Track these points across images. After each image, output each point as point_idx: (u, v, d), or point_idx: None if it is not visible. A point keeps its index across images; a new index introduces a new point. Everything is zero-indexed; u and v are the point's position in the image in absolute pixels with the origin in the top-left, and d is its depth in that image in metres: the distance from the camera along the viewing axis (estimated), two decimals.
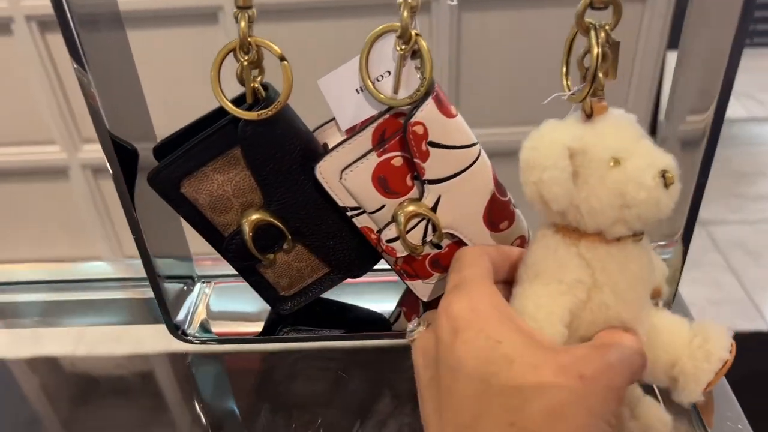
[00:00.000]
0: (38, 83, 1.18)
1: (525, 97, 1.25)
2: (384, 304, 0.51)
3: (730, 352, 0.37)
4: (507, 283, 0.37)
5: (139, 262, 0.44)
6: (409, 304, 0.49)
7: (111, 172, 0.40)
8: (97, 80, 0.38)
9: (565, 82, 0.36)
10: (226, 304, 0.51)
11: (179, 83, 1.05)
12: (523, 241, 0.44)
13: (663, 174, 0.32)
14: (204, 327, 0.49)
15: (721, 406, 0.46)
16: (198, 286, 0.52)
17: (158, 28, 1.12)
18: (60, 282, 0.59)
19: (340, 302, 0.50)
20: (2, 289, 0.61)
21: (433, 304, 0.46)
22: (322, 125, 0.42)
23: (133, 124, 0.43)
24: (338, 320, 0.50)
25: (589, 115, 0.35)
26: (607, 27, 0.34)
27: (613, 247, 0.34)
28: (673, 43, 1.48)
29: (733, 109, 2.16)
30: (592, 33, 0.34)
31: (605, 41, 0.34)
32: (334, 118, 0.41)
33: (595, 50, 0.33)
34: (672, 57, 1.92)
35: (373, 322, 0.50)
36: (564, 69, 0.36)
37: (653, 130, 1.50)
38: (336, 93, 0.40)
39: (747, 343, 1.42)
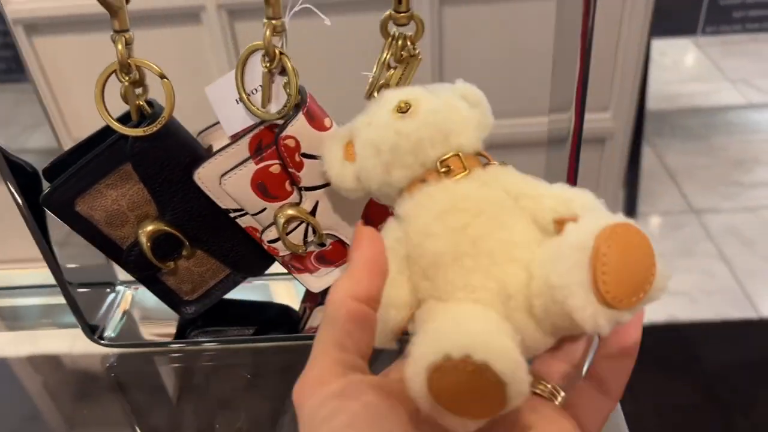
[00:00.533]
0: None
1: (508, 89, 1.27)
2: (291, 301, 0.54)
3: (607, 233, 0.27)
4: None
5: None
6: (311, 298, 0.52)
7: (10, 192, 0.43)
8: None
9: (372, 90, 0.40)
10: (147, 308, 0.54)
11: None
12: None
13: (399, 104, 0.34)
14: (121, 330, 0.52)
15: None
16: (120, 290, 0.55)
17: (140, 29, 1.15)
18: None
19: (249, 300, 0.52)
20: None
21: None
22: (208, 128, 0.45)
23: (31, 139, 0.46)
24: (248, 318, 0.52)
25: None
26: (407, 37, 0.37)
27: (415, 193, 0.33)
28: (656, 30, 1.46)
29: (731, 96, 2.13)
30: (390, 40, 0.37)
31: (401, 50, 0.37)
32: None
33: (384, 55, 0.38)
34: (656, 44, 1.91)
35: (283, 319, 0.52)
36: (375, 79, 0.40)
37: (640, 117, 1.50)
38: (221, 101, 0.42)
39: (737, 331, 1.42)
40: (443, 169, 0.33)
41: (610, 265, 0.26)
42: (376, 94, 0.40)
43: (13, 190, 0.43)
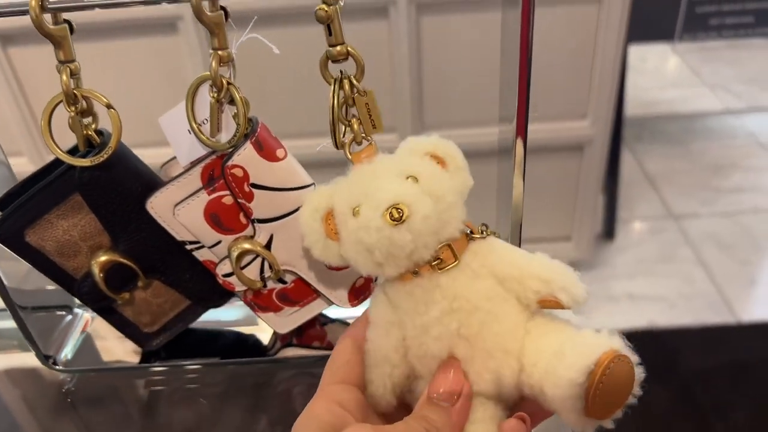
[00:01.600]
0: None
1: (487, 98, 1.27)
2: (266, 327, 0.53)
3: (597, 372, 0.31)
4: None
5: None
6: (281, 335, 0.51)
7: None
8: None
9: (335, 135, 0.38)
10: (106, 332, 0.53)
11: (141, 93, 1.07)
12: (368, 280, 0.46)
13: (390, 212, 0.33)
14: (78, 354, 0.51)
15: None
16: (78, 312, 0.54)
17: (117, 39, 1.14)
18: None
19: (213, 330, 0.52)
20: None
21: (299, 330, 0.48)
22: (171, 160, 0.45)
23: None
24: (211, 348, 0.52)
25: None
26: (349, 78, 0.36)
27: (408, 284, 0.35)
28: (633, 36, 1.46)
29: (709, 102, 2.15)
30: (334, 85, 0.36)
31: (350, 91, 0.36)
32: None
33: (332, 101, 0.36)
34: (636, 50, 1.91)
35: (247, 348, 0.52)
36: (332, 126, 0.38)
37: (618, 126, 1.50)
38: (173, 131, 0.42)
39: (716, 336, 1.43)
40: (435, 262, 0.35)
41: (601, 397, 0.31)
42: (348, 151, 0.39)
43: None
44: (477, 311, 0.34)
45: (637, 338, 0.34)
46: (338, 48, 0.37)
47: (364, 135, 0.38)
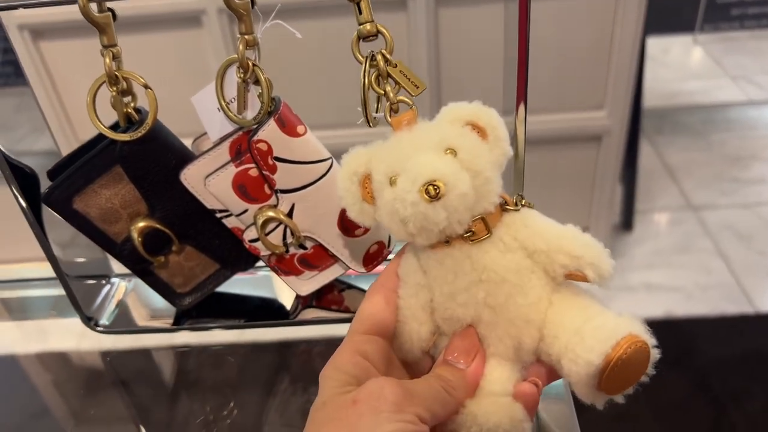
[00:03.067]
0: None
1: (503, 88, 1.29)
2: (289, 294, 0.57)
3: (613, 356, 0.33)
4: None
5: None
6: (302, 297, 0.54)
7: (13, 193, 0.47)
8: None
9: (366, 112, 0.39)
10: (141, 298, 0.58)
11: (165, 86, 1.12)
12: (381, 246, 0.50)
13: (427, 188, 0.33)
14: (116, 318, 0.56)
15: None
16: (115, 281, 0.59)
17: (143, 33, 1.19)
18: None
19: (240, 294, 0.56)
20: (8, 285, 0.67)
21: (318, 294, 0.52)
22: (202, 135, 0.49)
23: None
24: (239, 311, 0.56)
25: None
26: (381, 52, 0.38)
27: (439, 252, 0.37)
28: (655, 28, 1.47)
29: (730, 93, 2.14)
30: (366, 63, 0.39)
31: (384, 65, 0.38)
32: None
33: (363, 79, 0.38)
34: (658, 42, 1.92)
35: (272, 312, 0.56)
36: (363, 103, 0.39)
37: (636, 117, 1.51)
38: (205, 109, 0.46)
39: (734, 326, 1.44)
40: (467, 234, 0.36)
41: (614, 378, 0.34)
42: (388, 116, 0.39)
43: (16, 192, 0.47)
44: (504, 283, 0.36)
45: (654, 328, 0.35)
46: (368, 26, 0.38)
47: (403, 98, 0.39)
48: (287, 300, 0.57)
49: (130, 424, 0.52)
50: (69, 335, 0.58)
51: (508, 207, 0.37)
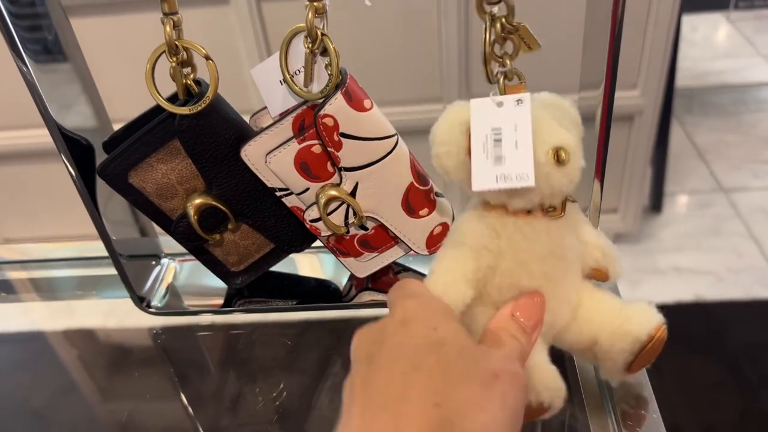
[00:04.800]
0: None
1: (535, 69, 1.26)
2: (340, 275, 0.56)
3: (654, 335, 0.38)
4: None
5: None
6: (357, 280, 0.53)
7: (66, 165, 0.45)
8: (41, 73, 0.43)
9: (487, 68, 0.39)
10: (192, 279, 0.56)
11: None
12: (445, 228, 0.48)
13: (557, 151, 0.35)
14: (167, 300, 0.54)
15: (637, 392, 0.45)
16: (165, 262, 0.57)
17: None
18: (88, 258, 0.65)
19: (294, 275, 0.54)
20: (38, 265, 0.66)
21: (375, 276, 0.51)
22: (260, 110, 0.47)
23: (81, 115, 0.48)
24: (292, 291, 0.54)
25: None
26: (502, 18, 0.38)
27: (521, 220, 0.38)
28: (687, 5, 1.43)
29: (762, 72, 2.10)
30: (487, 22, 0.38)
31: (502, 29, 0.38)
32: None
33: (486, 35, 0.38)
34: (687, 20, 1.87)
35: (325, 294, 0.55)
36: (484, 57, 0.39)
37: (669, 98, 1.48)
38: (266, 82, 0.44)
39: (765, 310, 1.42)
40: (548, 208, 0.38)
41: (640, 361, 0.39)
42: (502, 82, 0.40)
43: (70, 167, 0.45)
44: (564, 261, 0.39)
45: (683, 311, 0.38)
46: None
47: (517, 69, 0.39)
48: (340, 281, 0.55)
49: (178, 403, 0.51)
50: (99, 314, 0.57)
51: (569, 198, 0.39)
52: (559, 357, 0.42)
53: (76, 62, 0.50)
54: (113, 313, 0.58)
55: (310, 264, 0.56)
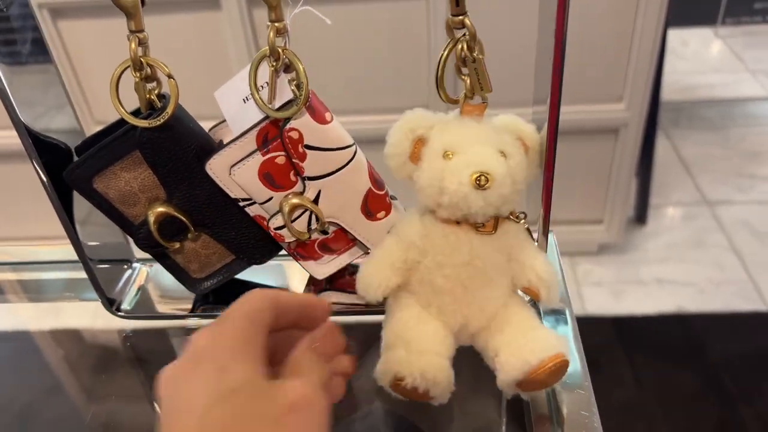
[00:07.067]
0: None
1: (522, 78, 1.28)
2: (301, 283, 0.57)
3: (545, 363, 0.40)
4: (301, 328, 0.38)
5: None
6: (316, 282, 0.54)
7: (36, 169, 0.46)
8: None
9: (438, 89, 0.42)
10: (161, 284, 0.57)
11: (182, 68, 1.11)
12: None
13: (479, 176, 0.38)
14: (137, 304, 0.55)
15: (577, 396, 0.47)
16: (137, 266, 0.59)
17: (160, 14, 1.18)
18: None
19: (256, 283, 0.56)
20: (25, 266, 0.68)
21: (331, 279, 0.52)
22: (218, 124, 0.48)
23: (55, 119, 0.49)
24: None
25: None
26: (467, 43, 0.40)
27: (449, 228, 0.42)
28: (676, 19, 1.44)
29: (750, 87, 2.12)
30: (450, 43, 0.40)
31: (462, 53, 0.40)
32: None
33: (442, 53, 0.41)
34: (678, 34, 1.89)
35: None
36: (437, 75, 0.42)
37: (654, 111, 1.50)
38: (228, 103, 0.45)
39: (746, 323, 1.43)
40: (479, 225, 0.42)
41: (530, 383, 0.42)
42: (462, 100, 0.43)
43: (40, 171, 0.46)
44: (484, 274, 0.43)
45: (665, 322, 0.39)
46: (459, 17, 0.40)
47: (476, 93, 0.42)
48: (298, 286, 0.56)
49: (144, 402, 0.52)
50: (87, 315, 0.58)
51: (511, 218, 0.44)
52: None
53: (56, 65, 0.51)
54: (99, 315, 0.59)
55: (272, 271, 0.57)
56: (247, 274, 0.53)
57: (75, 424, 0.52)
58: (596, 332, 1.43)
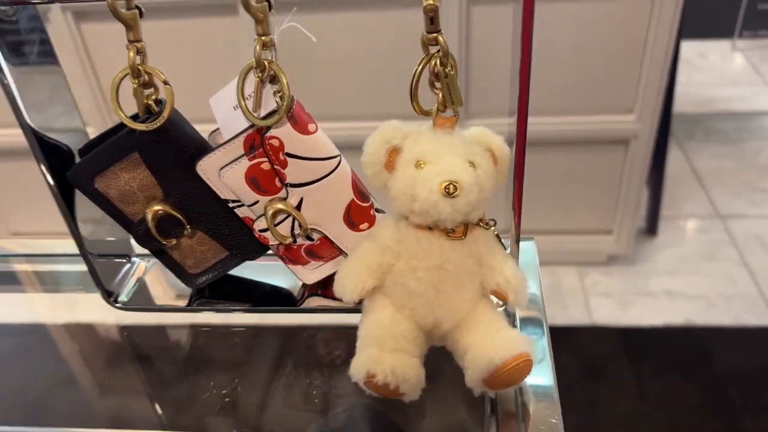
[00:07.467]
0: None
1: (533, 88, 1.29)
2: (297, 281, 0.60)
3: (509, 363, 0.43)
4: None
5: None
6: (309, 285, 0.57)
7: (41, 170, 0.50)
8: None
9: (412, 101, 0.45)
10: (161, 278, 0.61)
11: (199, 71, 1.15)
12: None
13: (448, 185, 0.41)
14: (134, 296, 0.59)
15: (544, 396, 0.49)
16: (135, 261, 0.62)
17: (179, 18, 1.22)
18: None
19: (250, 279, 0.59)
20: (44, 259, 0.71)
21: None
22: (216, 129, 0.51)
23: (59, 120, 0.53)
24: (248, 295, 0.59)
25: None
26: (440, 59, 0.42)
27: (422, 233, 0.45)
28: (692, 32, 1.44)
29: (767, 101, 2.10)
30: (425, 58, 0.43)
31: (435, 68, 0.43)
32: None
33: (416, 68, 0.43)
34: (696, 45, 1.89)
35: (277, 298, 0.59)
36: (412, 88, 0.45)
37: (666, 123, 1.50)
38: (220, 109, 0.48)
39: (754, 338, 1.42)
40: (449, 230, 0.45)
41: (496, 381, 0.44)
42: (435, 112, 0.45)
43: (45, 171, 0.50)
44: (455, 277, 0.46)
45: (673, 334, 0.40)
46: (433, 34, 0.42)
47: (455, 108, 0.45)
48: (292, 284, 0.59)
49: (141, 393, 0.56)
50: (91, 308, 0.62)
51: (481, 224, 0.46)
52: None
53: (63, 66, 0.54)
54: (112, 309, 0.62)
55: (271, 269, 0.60)
56: (246, 272, 0.57)
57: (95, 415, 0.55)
58: (602, 341, 1.44)
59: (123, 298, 0.59)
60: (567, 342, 1.44)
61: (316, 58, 1.23)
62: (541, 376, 0.49)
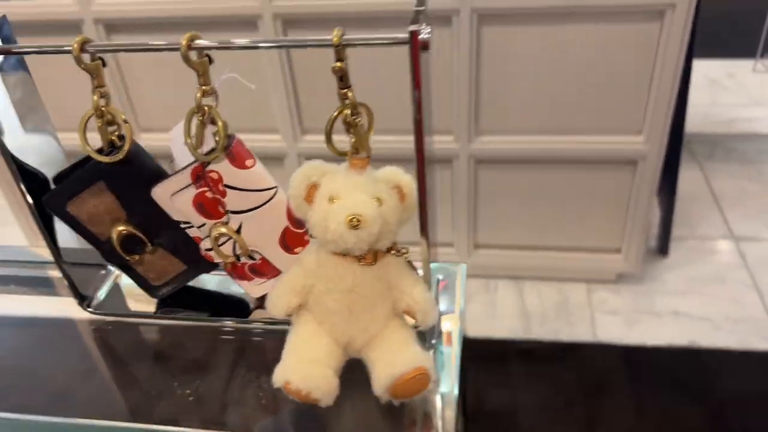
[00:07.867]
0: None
1: (543, 108, 1.33)
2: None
3: (406, 376, 0.49)
4: None
5: None
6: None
7: (23, 194, 0.58)
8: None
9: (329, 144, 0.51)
10: (132, 287, 0.68)
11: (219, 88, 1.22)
12: None
13: (352, 218, 0.47)
14: (106, 302, 0.67)
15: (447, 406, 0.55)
16: (110, 270, 0.70)
17: (201, 32, 1.29)
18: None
19: (207, 290, 0.66)
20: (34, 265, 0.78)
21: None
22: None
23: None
24: (209, 304, 0.66)
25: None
26: (349, 109, 0.48)
27: (337, 259, 0.51)
28: (698, 52, 1.45)
29: None
30: (338, 108, 0.49)
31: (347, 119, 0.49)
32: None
33: (331, 116, 0.49)
34: (698, 65, 1.85)
35: (230, 307, 0.66)
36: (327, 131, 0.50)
37: (678, 143, 1.51)
38: (176, 141, 0.55)
39: (759, 362, 1.42)
40: (360, 258, 0.51)
41: (396, 390, 0.51)
42: (350, 154, 0.51)
43: (25, 193, 0.58)
44: (366, 299, 0.52)
45: (675, 355, 0.43)
46: (344, 90, 0.48)
47: (365, 151, 0.50)
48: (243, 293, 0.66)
49: (110, 388, 0.63)
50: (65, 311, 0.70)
51: (392, 252, 0.52)
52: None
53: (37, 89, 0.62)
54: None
55: (228, 282, 0.67)
56: (208, 283, 0.63)
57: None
58: (604, 359, 1.46)
59: (95, 303, 0.67)
60: (571, 358, 1.46)
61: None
62: (446, 386, 0.55)
